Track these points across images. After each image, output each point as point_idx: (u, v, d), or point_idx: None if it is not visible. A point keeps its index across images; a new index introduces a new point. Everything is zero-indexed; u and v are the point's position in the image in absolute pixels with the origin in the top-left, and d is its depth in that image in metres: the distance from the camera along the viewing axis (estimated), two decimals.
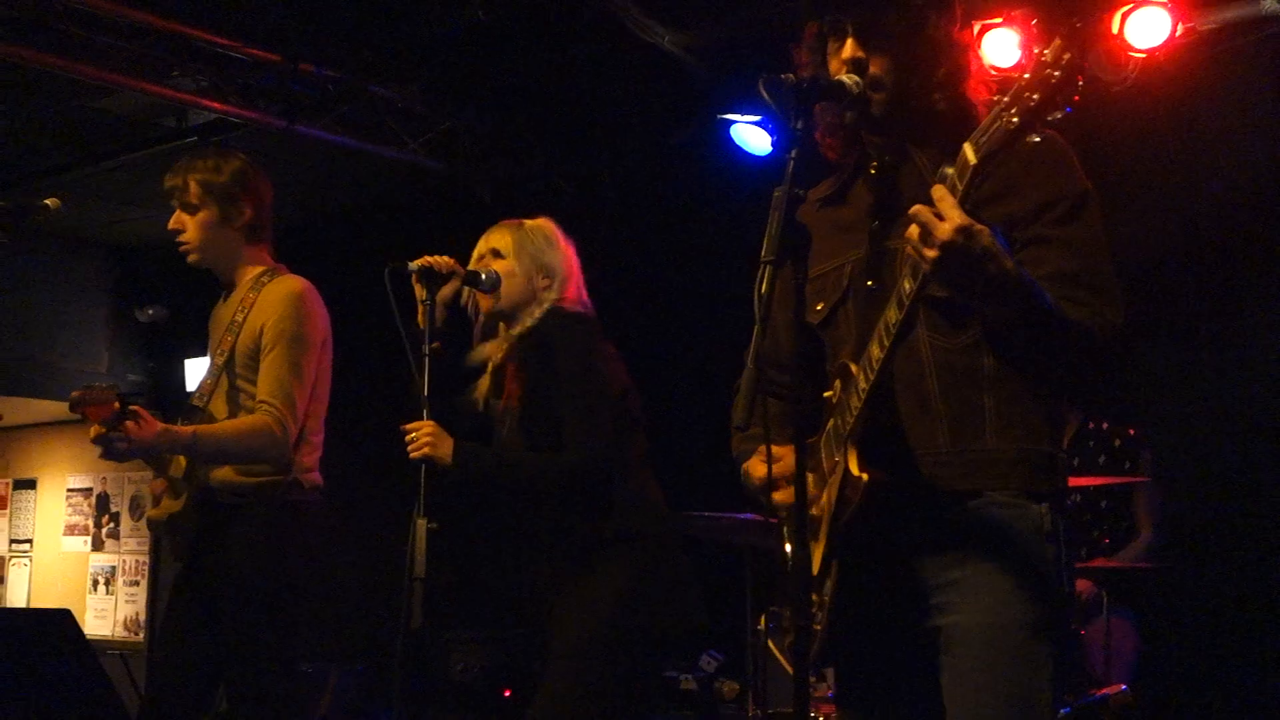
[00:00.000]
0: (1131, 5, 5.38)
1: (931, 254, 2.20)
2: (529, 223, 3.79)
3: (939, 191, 2.21)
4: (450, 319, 3.64)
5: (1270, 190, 5.65)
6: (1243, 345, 5.70)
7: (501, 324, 3.76)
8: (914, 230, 2.22)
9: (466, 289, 3.74)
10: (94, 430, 3.63)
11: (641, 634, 3.52)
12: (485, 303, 3.74)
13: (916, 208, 2.22)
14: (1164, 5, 5.35)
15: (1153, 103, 5.64)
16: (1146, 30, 5.38)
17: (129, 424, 3.61)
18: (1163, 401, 5.63)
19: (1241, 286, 5.75)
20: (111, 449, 3.62)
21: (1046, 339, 2.36)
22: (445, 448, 3.52)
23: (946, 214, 2.18)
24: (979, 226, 2.19)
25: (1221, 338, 5.75)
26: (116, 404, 3.59)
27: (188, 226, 3.97)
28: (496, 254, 3.73)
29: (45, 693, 5.63)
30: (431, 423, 3.53)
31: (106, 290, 9.60)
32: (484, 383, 3.77)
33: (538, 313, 3.69)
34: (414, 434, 3.52)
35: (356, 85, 6.61)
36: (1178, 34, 5.40)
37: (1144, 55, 5.45)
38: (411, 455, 3.51)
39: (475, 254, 3.78)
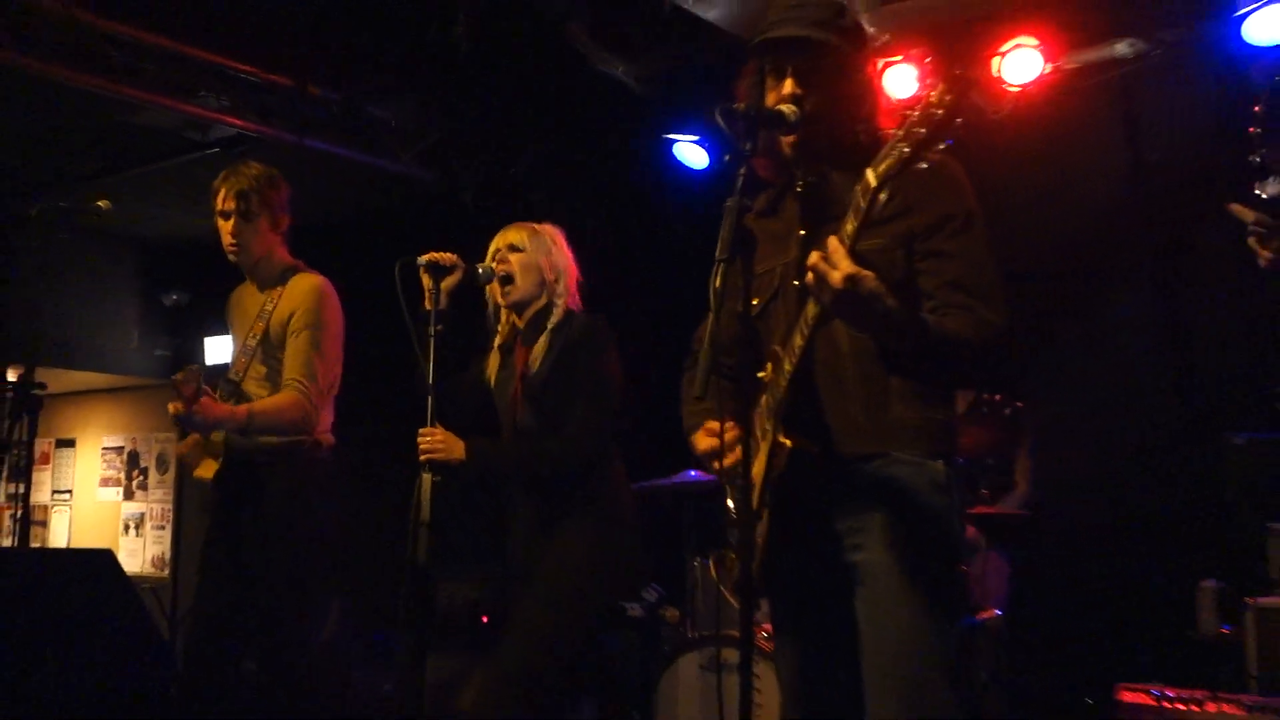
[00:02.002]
0: (1008, 47, 5.47)
1: (826, 297, 2.25)
2: (540, 226, 3.78)
3: (833, 243, 2.25)
4: (451, 307, 3.62)
5: (1123, 204, 5.73)
6: (1100, 337, 5.77)
7: (512, 312, 3.75)
8: (810, 277, 2.27)
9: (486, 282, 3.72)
10: (174, 407, 3.67)
11: (601, 588, 3.57)
12: (503, 296, 3.71)
13: (813, 258, 2.26)
14: (1034, 47, 5.42)
15: (1025, 129, 5.71)
16: (1019, 69, 5.46)
17: (204, 400, 3.68)
18: (1038, 383, 5.68)
19: (1099, 288, 5.82)
20: (189, 422, 3.71)
21: (928, 353, 2.40)
22: (456, 450, 3.51)
23: (838, 264, 2.22)
24: (864, 273, 2.23)
25: (1084, 331, 5.81)
26: (198, 385, 3.66)
27: (244, 233, 3.97)
28: (514, 248, 3.70)
29: (92, 621, 5.62)
30: (441, 430, 3.50)
31: (136, 278, 9.51)
32: (493, 358, 3.79)
33: (546, 302, 3.67)
34: (429, 441, 3.50)
35: (357, 106, 6.60)
36: (1046, 72, 5.49)
37: (1018, 90, 5.53)
38: (423, 458, 3.48)
39: (492, 248, 3.75)
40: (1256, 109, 2.85)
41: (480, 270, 3.69)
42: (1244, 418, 5.01)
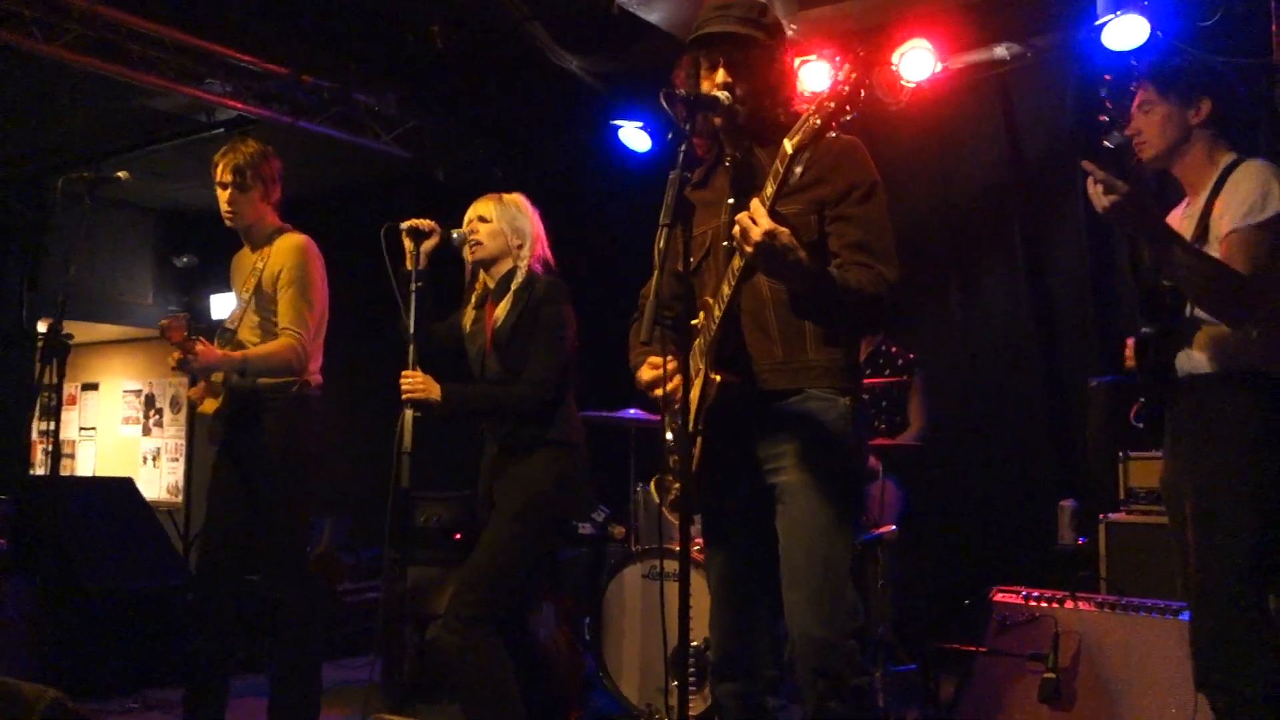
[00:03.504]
0: (905, 48, 5.46)
1: (748, 249, 2.27)
2: (506, 196, 3.73)
3: (755, 204, 2.28)
4: (429, 267, 3.58)
5: (1000, 183, 5.77)
6: (981, 294, 5.82)
7: (483, 271, 3.71)
8: (736, 230, 2.29)
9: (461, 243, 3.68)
10: (174, 357, 3.66)
11: (557, 508, 3.55)
12: (471, 254, 3.68)
13: (739, 215, 2.28)
14: (927, 49, 5.43)
15: (919, 118, 5.73)
16: (915, 66, 5.46)
17: (198, 347, 3.64)
18: (928, 336, 5.73)
19: (979, 252, 5.87)
20: (186, 367, 3.68)
21: (834, 301, 2.41)
22: (434, 391, 3.46)
23: (759, 220, 2.25)
24: (781, 229, 2.26)
25: (966, 289, 5.87)
26: (186, 330, 3.63)
27: (238, 202, 3.90)
28: (483, 219, 3.66)
29: (116, 538, 5.57)
30: (421, 373, 3.46)
31: (152, 243, 9.38)
32: (469, 311, 3.76)
33: (512, 264, 3.63)
34: (409, 382, 3.45)
35: (345, 93, 6.48)
36: (937, 70, 5.50)
37: (913, 85, 5.54)
38: (405, 397, 3.44)
39: (467, 218, 3.70)
40: (1107, 77, 2.90)
41: (454, 234, 3.65)
42: (1099, 364, 5.08)
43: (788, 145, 2.23)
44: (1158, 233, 2.65)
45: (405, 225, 3.58)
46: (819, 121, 2.18)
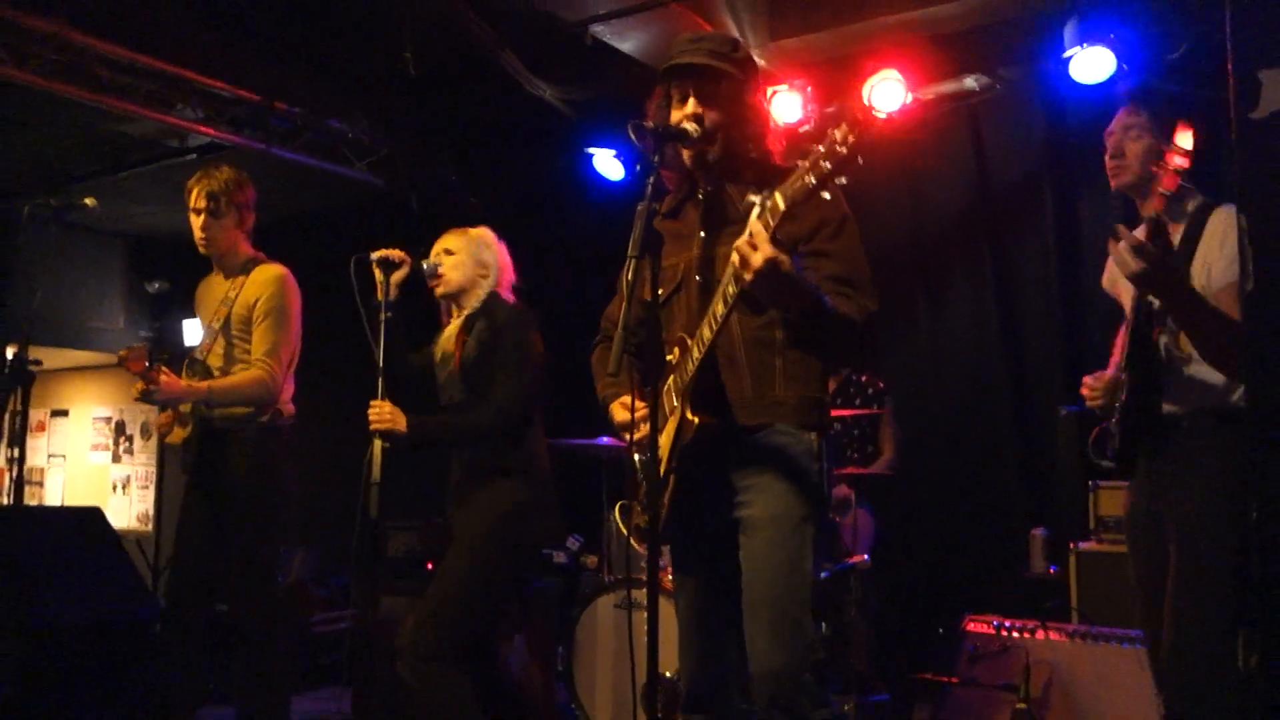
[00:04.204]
0: (876, 79, 5.48)
1: (749, 275, 2.24)
2: (472, 230, 3.73)
3: (756, 228, 2.23)
4: (400, 298, 3.58)
5: (966, 210, 5.81)
6: (950, 323, 5.83)
7: (453, 304, 3.70)
8: (735, 258, 2.25)
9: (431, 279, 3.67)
10: (137, 388, 3.63)
11: (518, 536, 3.52)
12: (438, 288, 3.67)
13: (739, 241, 2.24)
14: (897, 80, 5.45)
15: (890, 148, 5.75)
16: (886, 97, 5.45)
17: (162, 378, 3.61)
18: (898, 366, 5.73)
19: (948, 281, 5.88)
20: (149, 398, 3.65)
21: (825, 328, 2.41)
22: (400, 422, 3.44)
23: (760, 246, 2.21)
24: (782, 255, 2.22)
25: (935, 318, 5.87)
26: (147, 361, 3.61)
27: (212, 228, 3.88)
28: (448, 252, 3.67)
29: (82, 570, 5.47)
30: (389, 403, 3.44)
31: (122, 268, 9.31)
32: (440, 341, 3.73)
33: (479, 295, 3.63)
34: (377, 412, 3.43)
35: (317, 120, 6.47)
36: (908, 100, 5.52)
37: (885, 115, 5.55)
38: (373, 428, 3.42)
39: (434, 250, 3.70)
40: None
41: (425, 265, 3.65)
42: (1068, 393, 5.10)
43: (780, 200, 2.20)
44: (1182, 296, 2.66)
45: (375, 256, 3.58)
46: (813, 181, 2.13)
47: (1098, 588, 4.26)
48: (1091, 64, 4.99)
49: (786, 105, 5.61)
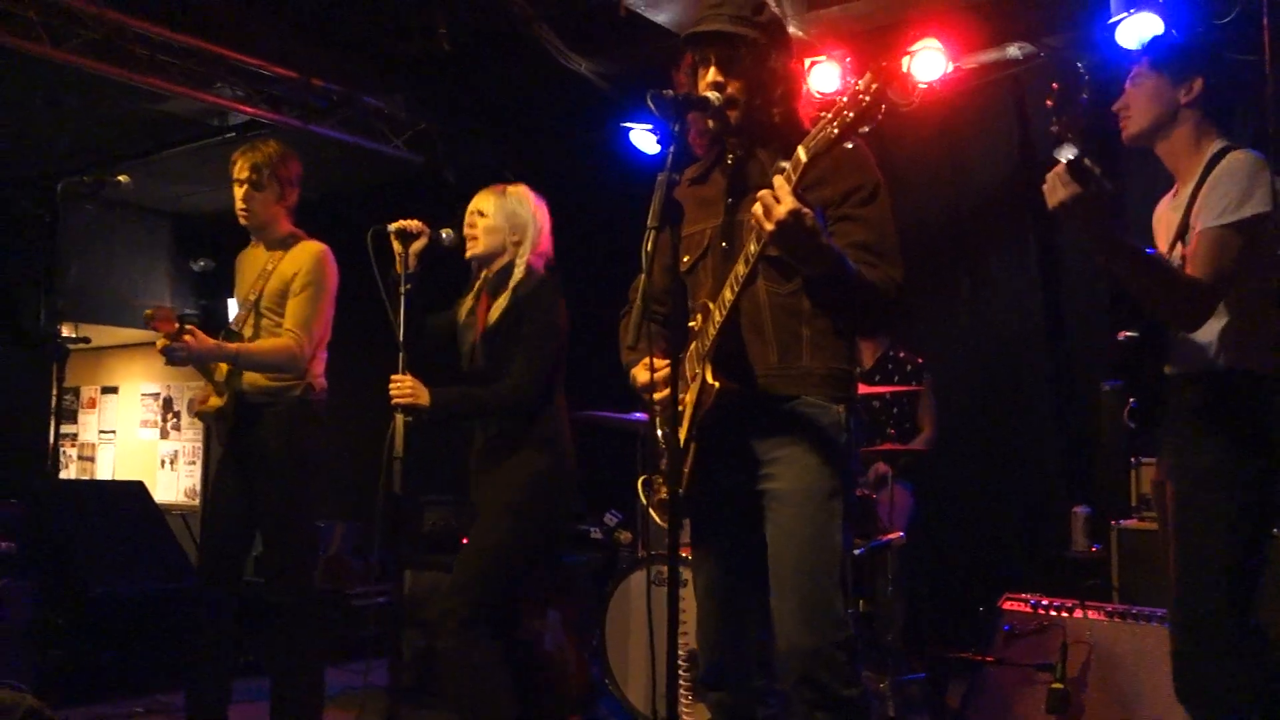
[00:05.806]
0: (916, 48, 5.39)
1: (770, 227, 2.20)
2: (510, 188, 3.65)
3: (778, 181, 2.21)
4: (419, 268, 3.53)
5: (1008, 181, 5.69)
6: (991, 297, 5.74)
7: (484, 266, 3.65)
8: (758, 208, 2.22)
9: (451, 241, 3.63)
10: (161, 341, 3.63)
11: (543, 507, 3.48)
12: (467, 250, 3.62)
13: (762, 192, 2.22)
14: (938, 50, 5.36)
15: (931, 119, 5.67)
16: (926, 67, 5.39)
17: (186, 338, 3.61)
18: (937, 340, 5.65)
19: (990, 254, 5.79)
20: (174, 355, 3.64)
21: (848, 291, 2.37)
22: (422, 396, 3.42)
23: (783, 199, 2.18)
24: (805, 209, 2.19)
25: (976, 292, 5.79)
26: (176, 322, 3.61)
27: (253, 200, 3.89)
28: (480, 214, 3.61)
29: (125, 541, 5.57)
30: (410, 377, 3.43)
31: (169, 247, 9.42)
32: (467, 302, 3.69)
33: (509, 259, 3.58)
34: (398, 387, 3.42)
35: (354, 96, 6.48)
36: (949, 70, 5.42)
37: (925, 85, 5.46)
38: (394, 402, 3.40)
39: (467, 212, 3.64)
40: (1054, 85, 2.80)
41: (443, 235, 3.60)
42: (1110, 368, 5.00)
43: (802, 152, 2.18)
44: (1105, 239, 2.54)
45: (393, 227, 3.54)
46: (836, 131, 2.12)
47: (1139, 566, 4.17)
48: (1139, 29, 4.86)
49: (825, 76, 5.53)
